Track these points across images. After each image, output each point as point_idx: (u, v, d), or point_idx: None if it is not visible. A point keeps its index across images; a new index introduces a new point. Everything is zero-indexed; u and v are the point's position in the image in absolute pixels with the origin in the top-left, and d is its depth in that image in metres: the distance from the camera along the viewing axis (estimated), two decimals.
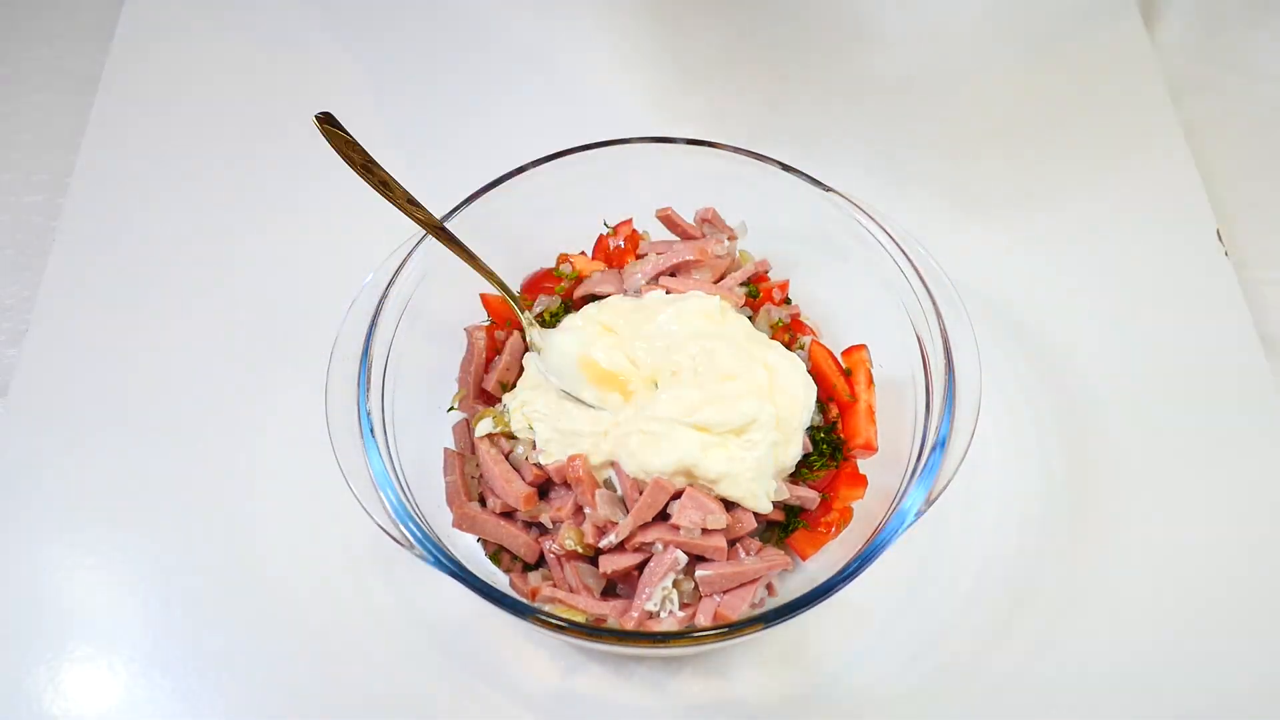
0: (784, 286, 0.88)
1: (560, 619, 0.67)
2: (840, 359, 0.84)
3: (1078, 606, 0.80)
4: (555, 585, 0.76)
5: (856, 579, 0.67)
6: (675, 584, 0.73)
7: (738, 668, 0.77)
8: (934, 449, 0.71)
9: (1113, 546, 0.82)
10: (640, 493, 0.73)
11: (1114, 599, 0.80)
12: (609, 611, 0.72)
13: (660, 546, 0.73)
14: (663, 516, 0.74)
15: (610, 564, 0.73)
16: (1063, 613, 0.79)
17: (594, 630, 0.68)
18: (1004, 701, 0.76)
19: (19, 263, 0.99)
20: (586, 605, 0.73)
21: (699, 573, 0.72)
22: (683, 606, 0.73)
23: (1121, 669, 0.77)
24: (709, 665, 0.77)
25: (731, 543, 0.74)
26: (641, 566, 0.74)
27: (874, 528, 0.72)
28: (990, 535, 0.82)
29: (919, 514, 0.69)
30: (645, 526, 0.73)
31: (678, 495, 0.73)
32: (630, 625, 0.71)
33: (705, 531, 0.72)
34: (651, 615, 0.72)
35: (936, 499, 0.70)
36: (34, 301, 0.94)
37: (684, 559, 0.72)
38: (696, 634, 0.68)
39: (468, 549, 0.78)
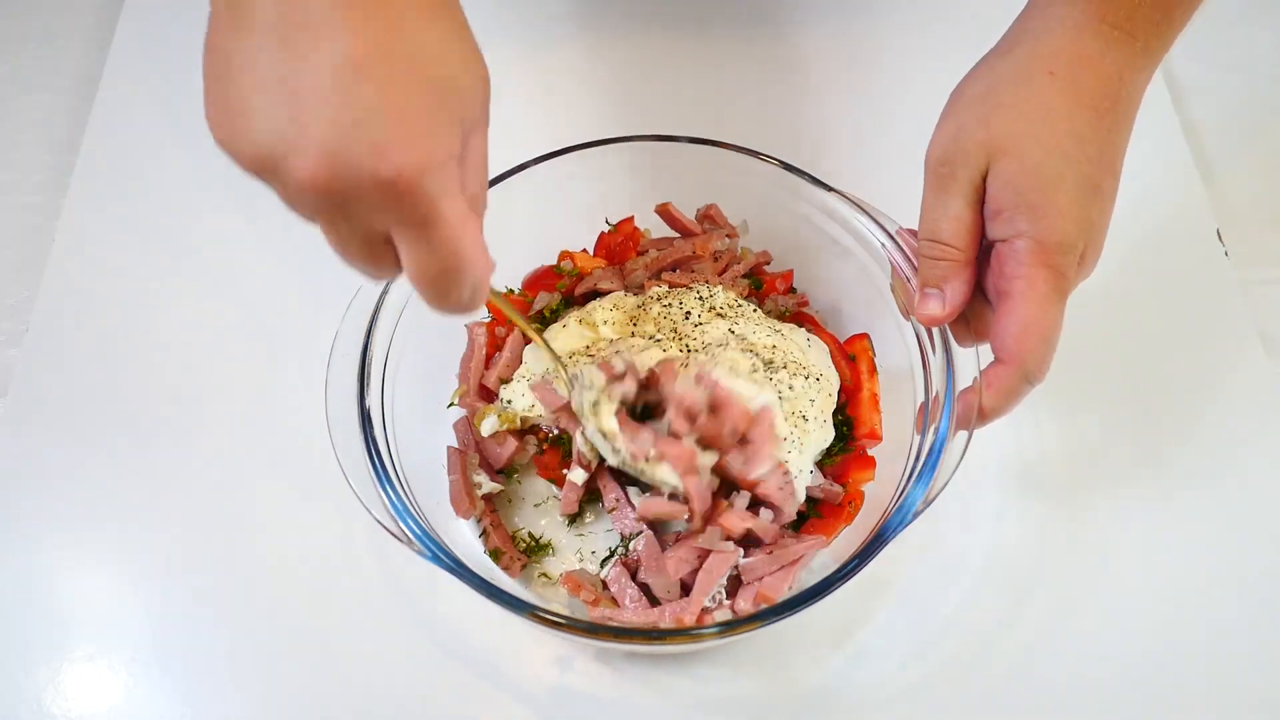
0: (788, 277, 0.88)
1: (559, 616, 0.66)
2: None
3: (1079, 605, 0.80)
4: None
5: (856, 576, 0.67)
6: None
7: (738, 666, 0.77)
8: (934, 446, 0.71)
9: (1113, 545, 0.82)
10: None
11: (1115, 598, 0.80)
12: (659, 616, 0.72)
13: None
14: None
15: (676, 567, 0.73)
16: (1064, 611, 0.79)
17: (593, 628, 0.68)
18: (1006, 700, 0.76)
19: (19, 263, 0.99)
20: (635, 615, 0.73)
21: (742, 561, 0.73)
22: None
23: (1123, 668, 0.77)
24: (709, 663, 0.77)
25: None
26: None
27: (873, 526, 0.71)
28: (990, 534, 0.82)
29: (918, 513, 0.69)
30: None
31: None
32: (689, 621, 0.71)
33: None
34: (708, 610, 0.72)
35: (936, 497, 0.70)
36: (34, 301, 0.94)
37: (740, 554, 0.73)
38: (695, 632, 0.68)
39: (467, 546, 0.78)
